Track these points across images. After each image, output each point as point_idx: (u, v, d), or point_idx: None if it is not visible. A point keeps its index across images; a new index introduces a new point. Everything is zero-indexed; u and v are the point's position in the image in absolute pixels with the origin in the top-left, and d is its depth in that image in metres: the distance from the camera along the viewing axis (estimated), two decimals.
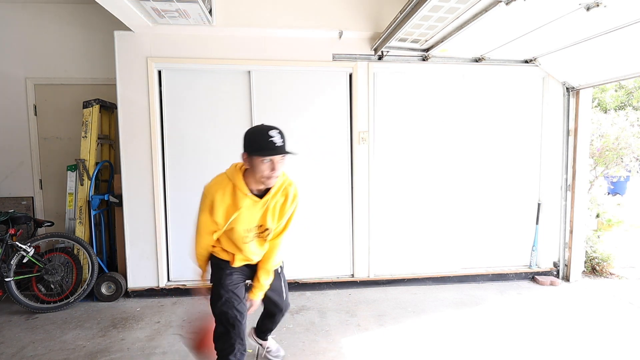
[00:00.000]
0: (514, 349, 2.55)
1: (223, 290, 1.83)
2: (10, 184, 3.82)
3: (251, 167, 1.67)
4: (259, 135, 1.65)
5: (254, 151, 1.63)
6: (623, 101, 8.17)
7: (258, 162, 1.64)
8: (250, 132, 1.70)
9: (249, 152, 1.66)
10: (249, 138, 1.68)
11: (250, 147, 1.66)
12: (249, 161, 1.67)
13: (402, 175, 3.70)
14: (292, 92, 3.52)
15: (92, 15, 3.72)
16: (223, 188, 1.72)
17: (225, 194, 1.71)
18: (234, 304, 1.81)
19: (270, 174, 1.66)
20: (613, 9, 2.34)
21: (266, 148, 1.62)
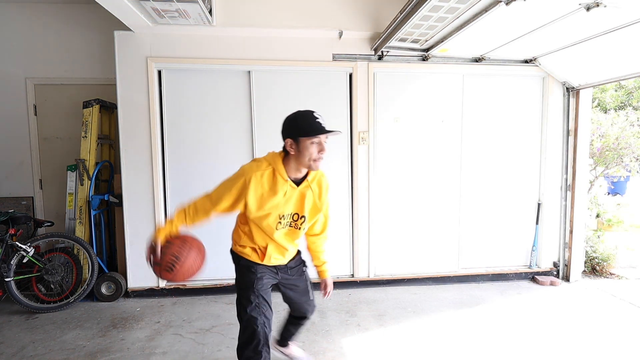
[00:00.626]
0: (514, 349, 2.55)
1: (254, 295, 1.76)
2: (10, 184, 3.82)
3: (298, 151, 1.65)
4: (305, 118, 1.66)
5: (303, 133, 1.62)
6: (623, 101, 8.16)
7: (307, 144, 1.63)
8: (294, 117, 1.68)
9: (295, 135, 1.64)
10: (295, 122, 1.67)
11: (298, 130, 1.64)
12: (296, 146, 1.65)
13: (402, 175, 3.70)
14: (292, 92, 3.53)
15: (92, 15, 3.72)
16: (262, 171, 1.67)
17: (264, 178, 1.68)
18: (263, 309, 1.76)
19: (319, 156, 1.66)
20: (613, 9, 2.34)
21: (315, 128, 1.63)
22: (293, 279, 1.96)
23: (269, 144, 3.52)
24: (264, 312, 1.76)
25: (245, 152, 3.53)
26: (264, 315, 1.75)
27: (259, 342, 1.70)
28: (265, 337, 1.72)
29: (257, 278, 1.80)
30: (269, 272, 1.85)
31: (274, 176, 1.70)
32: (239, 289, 1.83)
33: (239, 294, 1.81)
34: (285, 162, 1.71)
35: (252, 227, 1.79)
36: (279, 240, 1.80)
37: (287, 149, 1.68)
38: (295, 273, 1.96)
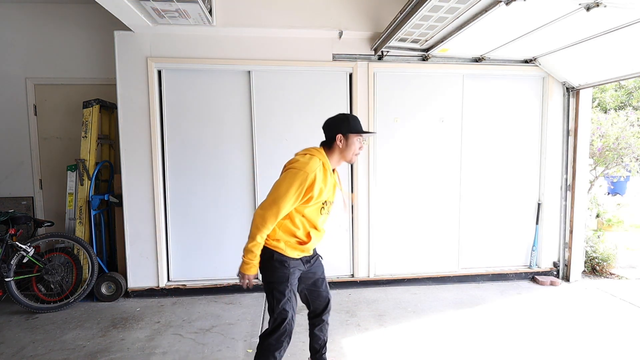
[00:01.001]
0: (514, 349, 2.55)
1: (287, 290, 1.88)
2: (10, 184, 3.82)
3: (346, 145, 1.93)
4: (355, 119, 1.97)
5: (354, 131, 1.93)
6: (623, 101, 8.16)
7: (355, 140, 1.93)
8: (345, 117, 1.96)
9: (346, 131, 1.92)
10: (348, 121, 1.94)
11: (350, 128, 1.92)
12: (345, 141, 1.92)
13: (402, 175, 3.70)
14: (292, 92, 3.53)
15: (92, 15, 3.72)
16: (319, 166, 1.85)
17: (321, 172, 1.85)
18: (293, 304, 1.91)
19: (359, 151, 1.98)
20: (613, 9, 2.34)
21: (361, 128, 1.97)
22: (314, 267, 2.06)
23: (269, 143, 3.53)
24: (293, 307, 1.91)
25: (246, 151, 3.53)
26: (293, 310, 1.91)
27: (283, 333, 1.87)
28: (290, 330, 1.90)
29: (291, 273, 1.89)
30: (299, 265, 1.95)
31: (324, 169, 1.89)
32: (271, 283, 1.89)
33: (272, 287, 1.89)
34: (329, 155, 1.95)
35: (296, 219, 1.88)
36: (321, 226, 1.97)
37: (336, 143, 1.93)
38: (315, 262, 2.07)
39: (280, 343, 1.87)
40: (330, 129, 1.97)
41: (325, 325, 2.17)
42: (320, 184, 1.83)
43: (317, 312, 2.14)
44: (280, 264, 1.87)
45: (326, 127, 2.00)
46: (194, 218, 3.53)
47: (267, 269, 1.89)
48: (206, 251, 3.56)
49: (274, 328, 1.87)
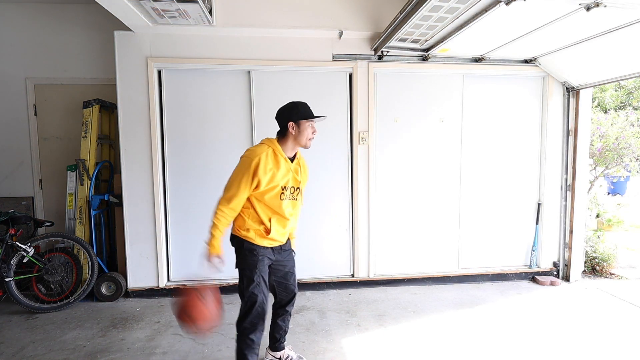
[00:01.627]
0: (514, 349, 2.55)
1: (256, 276, 2.01)
2: (10, 184, 3.82)
3: (298, 132, 2.03)
4: (304, 106, 2.07)
5: (304, 117, 2.03)
6: (623, 101, 8.17)
7: (306, 126, 2.03)
8: (294, 104, 2.07)
9: (297, 118, 2.02)
10: (297, 108, 2.05)
11: (299, 114, 2.03)
12: (297, 127, 2.03)
13: (402, 175, 3.70)
14: (292, 92, 3.52)
15: (92, 15, 3.72)
16: (266, 151, 1.97)
17: (269, 157, 1.97)
18: (263, 289, 2.03)
19: (313, 136, 2.08)
20: (613, 9, 2.34)
21: (312, 113, 2.08)
22: (285, 260, 2.19)
23: None
24: (263, 291, 2.03)
25: None
26: (263, 294, 2.03)
27: (256, 316, 1.99)
28: (262, 312, 2.02)
29: (259, 260, 2.03)
30: (268, 254, 2.08)
31: (275, 155, 2.00)
32: (242, 269, 2.05)
33: (242, 273, 2.05)
34: (282, 143, 2.05)
35: (257, 206, 2.02)
36: (284, 211, 2.04)
37: (289, 130, 2.02)
38: (286, 255, 2.20)
39: (254, 326, 2.00)
40: (281, 118, 2.06)
41: (287, 316, 2.31)
42: (268, 168, 1.95)
43: (282, 303, 2.27)
44: (249, 252, 2.03)
45: (278, 116, 2.08)
46: (194, 218, 3.53)
47: (239, 257, 2.06)
48: None
49: (245, 311, 2.00)
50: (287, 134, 2.04)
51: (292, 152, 2.09)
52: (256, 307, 1.99)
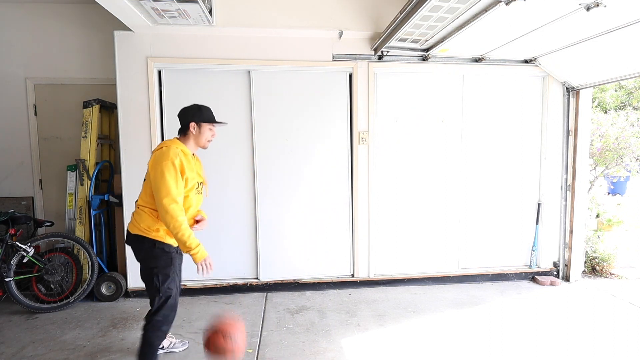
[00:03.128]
0: (514, 349, 2.55)
1: (172, 272, 2.10)
2: (10, 184, 3.82)
3: (199, 133, 2.16)
4: (206, 110, 2.20)
5: (206, 120, 2.17)
6: (623, 101, 8.16)
7: (206, 129, 2.18)
8: (198, 107, 2.18)
9: (199, 121, 2.15)
10: (200, 111, 2.16)
11: (202, 117, 2.16)
12: (199, 128, 2.16)
13: (402, 175, 3.70)
14: (292, 92, 3.53)
15: (92, 15, 3.72)
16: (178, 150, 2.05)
17: (182, 155, 2.06)
18: (177, 283, 2.15)
19: (212, 138, 2.23)
20: (613, 9, 2.34)
21: (214, 118, 2.22)
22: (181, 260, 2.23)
23: (269, 143, 3.53)
24: (177, 285, 2.15)
25: (245, 151, 3.53)
26: (177, 288, 2.15)
27: (169, 308, 2.09)
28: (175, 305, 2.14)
29: (172, 257, 2.11)
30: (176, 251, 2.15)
31: (184, 154, 2.09)
32: (155, 268, 2.07)
33: (156, 272, 2.07)
34: (184, 142, 2.16)
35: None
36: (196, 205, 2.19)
37: (189, 130, 2.14)
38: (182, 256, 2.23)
39: (166, 318, 2.09)
40: (184, 117, 2.16)
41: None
42: (188, 167, 2.05)
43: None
44: (162, 252, 2.08)
45: (181, 115, 2.17)
46: None
47: (150, 257, 2.08)
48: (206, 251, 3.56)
49: (160, 305, 2.07)
50: (188, 134, 2.15)
51: (193, 151, 2.19)
52: (170, 300, 2.08)
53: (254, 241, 3.60)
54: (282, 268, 3.63)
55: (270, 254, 3.61)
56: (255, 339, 2.70)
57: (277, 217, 3.60)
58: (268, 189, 3.56)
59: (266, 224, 3.59)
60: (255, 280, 3.60)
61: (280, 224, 3.60)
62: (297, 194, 3.59)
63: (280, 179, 3.57)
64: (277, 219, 3.60)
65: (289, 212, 3.60)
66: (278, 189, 3.57)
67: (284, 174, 3.58)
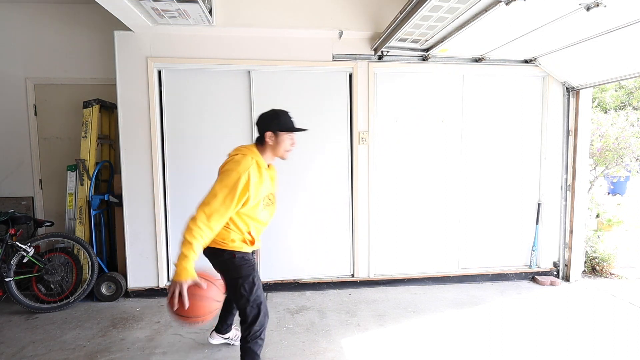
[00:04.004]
0: (514, 349, 2.55)
1: (257, 279, 2.01)
2: (10, 184, 3.82)
3: (276, 143, 1.97)
4: (285, 116, 2.00)
5: (284, 129, 1.97)
6: (623, 101, 8.17)
7: (285, 137, 1.98)
8: (275, 114, 1.99)
9: (276, 129, 1.96)
10: (277, 118, 1.98)
11: (279, 125, 1.96)
12: (275, 138, 1.97)
13: (402, 175, 3.70)
14: (292, 92, 3.53)
15: (92, 15, 3.72)
16: (252, 165, 1.87)
17: (254, 170, 1.87)
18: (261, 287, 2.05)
19: (291, 148, 2.03)
20: (613, 9, 2.34)
21: (292, 126, 2.00)
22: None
23: None
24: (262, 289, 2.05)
25: None
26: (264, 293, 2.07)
27: (264, 315, 2.00)
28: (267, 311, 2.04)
29: (253, 265, 2.02)
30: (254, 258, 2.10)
31: (258, 167, 1.91)
32: (239, 278, 1.96)
33: (240, 282, 1.95)
34: (261, 152, 1.99)
35: (237, 219, 1.94)
36: (263, 219, 2.04)
37: (266, 140, 1.96)
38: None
39: (262, 326, 2.00)
40: (261, 126, 2.00)
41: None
42: (255, 183, 1.86)
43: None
44: (242, 260, 1.98)
45: (258, 123, 2.01)
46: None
47: (232, 269, 1.96)
48: None
49: (255, 315, 1.96)
50: (264, 144, 1.98)
51: (270, 161, 2.04)
52: (262, 307, 1.99)
53: None
54: (282, 268, 3.63)
55: (270, 254, 3.61)
56: None
57: (277, 217, 3.58)
58: None
59: None
60: None
61: (280, 223, 3.60)
62: (297, 193, 3.59)
63: (280, 179, 3.56)
64: (277, 218, 3.58)
65: (289, 212, 3.60)
66: (278, 189, 3.56)
67: (283, 174, 3.57)
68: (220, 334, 2.57)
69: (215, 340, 2.57)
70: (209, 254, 2.00)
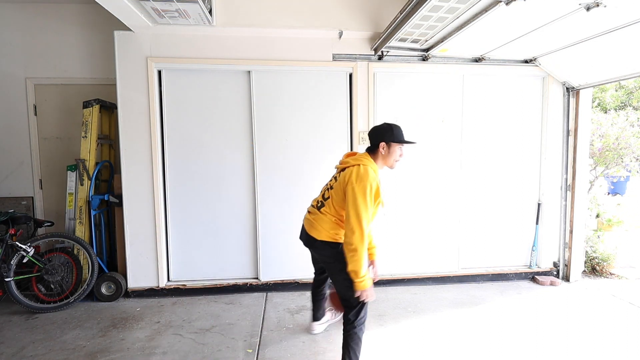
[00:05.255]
0: (514, 349, 2.55)
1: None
2: (10, 184, 3.82)
3: (388, 153, 2.17)
4: (397, 130, 2.18)
5: (397, 141, 2.16)
6: (623, 101, 8.17)
7: (396, 149, 2.17)
8: (389, 127, 2.17)
9: (390, 141, 2.15)
10: (392, 131, 2.16)
11: (394, 137, 2.15)
12: (388, 148, 2.16)
13: (402, 175, 3.70)
14: (292, 92, 3.53)
15: (92, 15, 3.72)
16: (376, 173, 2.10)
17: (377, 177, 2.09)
18: None
19: (399, 159, 2.21)
20: (613, 9, 2.34)
21: (403, 139, 2.20)
22: None
23: (269, 143, 3.53)
24: None
25: (246, 151, 3.53)
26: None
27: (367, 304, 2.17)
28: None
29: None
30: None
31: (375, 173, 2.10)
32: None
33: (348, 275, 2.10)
34: (374, 160, 2.18)
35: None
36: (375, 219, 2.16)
37: (379, 150, 2.16)
38: None
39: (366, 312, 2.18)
40: (375, 137, 2.18)
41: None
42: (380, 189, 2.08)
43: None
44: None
45: (371, 134, 2.20)
46: (194, 218, 3.53)
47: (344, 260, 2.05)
48: (206, 251, 3.56)
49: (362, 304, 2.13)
50: (377, 153, 2.17)
51: (380, 169, 2.20)
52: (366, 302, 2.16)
53: (254, 241, 3.60)
54: (282, 268, 3.63)
55: (270, 254, 3.61)
56: (255, 339, 2.70)
57: (278, 217, 3.60)
58: (268, 188, 3.57)
59: (266, 224, 3.59)
60: (255, 280, 3.60)
61: (280, 223, 3.60)
62: (297, 193, 3.59)
63: (280, 179, 3.58)
64: (277, 218, 3.60)
65: (289, 212, 3.59)
66: (278, 189, 3.58)
67: (284, 174, 3.58)
68: (319, 320, 2.76)
69: (318, 328, 2.75)
70: (321, 245, 2.20)
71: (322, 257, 2.26)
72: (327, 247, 2.20)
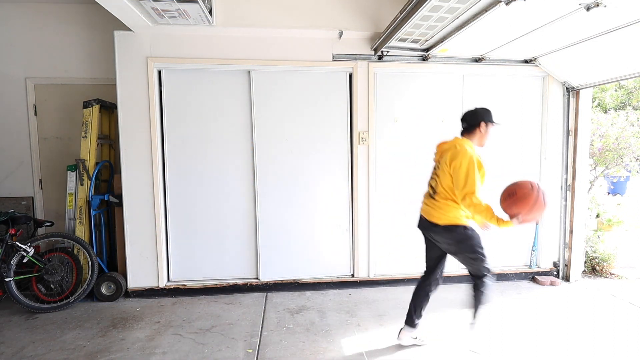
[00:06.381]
0: (514, 349, 2.55)
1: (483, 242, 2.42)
2: (10, 184, 3.82)
3: (486, 132, 2.40)
4: (490, 111, 2.42)
5: (492, 121, 2.41)
6: (623, 101, 8.16)
7: (491, 128, 2.41)
8: (486, 109, 2.42)
9: (489, 121, 2.40)
10: (489, 113, 2.41)
11: (490, 118, 2.40)
12: (486, 128, 2.39)
13: (402, 175, 3.70)
14: (292, 92, 3.53)
15: (92, 15, 3.72)
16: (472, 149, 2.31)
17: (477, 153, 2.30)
18: None
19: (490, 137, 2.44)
20: (613, 9, 2.34)
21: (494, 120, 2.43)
22: None
23: (269, 143, 3.53)
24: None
25: (246, 151, 3.53)
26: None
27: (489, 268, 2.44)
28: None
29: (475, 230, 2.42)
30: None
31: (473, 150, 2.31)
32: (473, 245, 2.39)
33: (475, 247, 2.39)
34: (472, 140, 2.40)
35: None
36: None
37: (478, 129, 2.38)
38: None
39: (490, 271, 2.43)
40: (474, 118, 2.39)
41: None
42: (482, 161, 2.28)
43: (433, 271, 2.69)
44: (472, 230, 2.41)
45: (470, 116, 2.41)
46: (194, 218, 3.53)
47: (467, 238, 2.37)
48: (206, 251, 3.56)
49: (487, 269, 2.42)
50: (474, 132, 2.39)
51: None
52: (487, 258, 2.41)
53: (254, 241, 3.60)
54: (282, 268, 3.63)
55: (270, 254, 3.61)
56: (255, 339, 2.70)
57: (277, 217, 3.60)
58: (268, 188, 3.57)
59: (266, 224, 3.59)
60: (255, 280, 3.60)
61: (280, 223, 3.60)
62: (297, 193, 3.59)
63: (280, 179, 3.58)
64: (277, 218, 3.60)
65: (289, 212, 3.60)
66: (278, 189, 3.58)
67: (284, 174, 3.58)
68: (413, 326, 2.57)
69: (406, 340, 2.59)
70: (442, 229, 2.39)
71: (444, 240, 2.41)
72: (448, 231, 2.38)
